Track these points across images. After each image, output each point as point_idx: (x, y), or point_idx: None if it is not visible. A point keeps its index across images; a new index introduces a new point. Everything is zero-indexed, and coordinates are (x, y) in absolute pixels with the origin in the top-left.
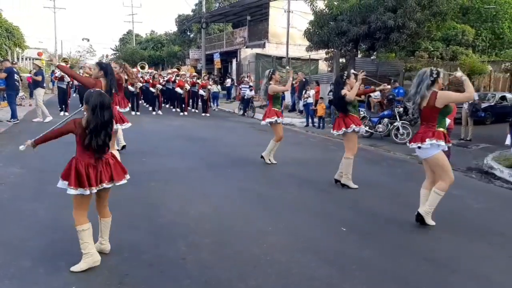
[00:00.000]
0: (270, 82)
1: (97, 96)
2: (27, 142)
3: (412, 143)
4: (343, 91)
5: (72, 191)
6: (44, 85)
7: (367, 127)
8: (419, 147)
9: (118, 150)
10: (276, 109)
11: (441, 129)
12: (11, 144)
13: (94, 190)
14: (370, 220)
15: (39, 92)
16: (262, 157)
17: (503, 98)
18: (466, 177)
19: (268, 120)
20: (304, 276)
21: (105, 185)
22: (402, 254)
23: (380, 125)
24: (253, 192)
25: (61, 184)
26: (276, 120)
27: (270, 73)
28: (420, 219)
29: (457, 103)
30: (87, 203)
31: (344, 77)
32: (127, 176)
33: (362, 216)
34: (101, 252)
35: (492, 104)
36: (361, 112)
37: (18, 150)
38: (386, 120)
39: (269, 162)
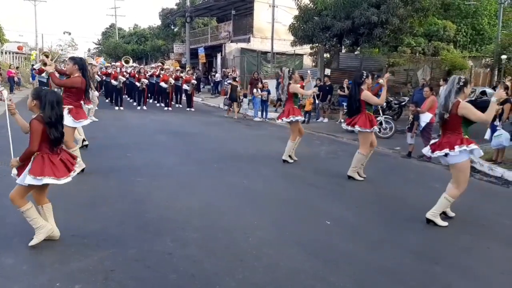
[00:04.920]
0: (290, 82)
1: (52, 93)
2: (13, 163)
3: (437, 151)
4: (373, 100)
5: (48, 180)
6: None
7: None
8: (446, 155)
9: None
10: (296, 107)
11: (466, 137)
12: None
13: (64, 180)
14: (356, 213)
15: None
16: (284, 161)
17: (483, 93)
18: (447, 171)
19: (291, 118)
20: (291, 269)
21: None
22: (387, 247)
23: None
24: (240, 187)
25: (31, 180)
26: (297, 119)
27: (291, 72)
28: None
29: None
30: (29, 191)
31: (364, 77)
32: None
33: (348, 210)
34: (52, 240)
35: (473, 99)
36: (345, 107)
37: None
38: None
39: (292, 161)
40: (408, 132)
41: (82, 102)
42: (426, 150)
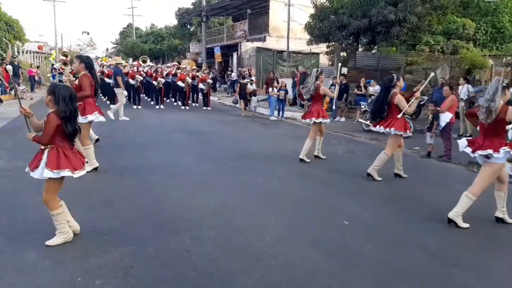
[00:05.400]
0: (317, 82)
1: (66, 88)
2: (30, 135)
3: (479, 151)
4: (404, 105)
5: (66, 173)
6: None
7: (368, 121)
8: (487, 156)
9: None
10: (324, 108)
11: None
12: (12, 138)
13: (81, 173)
14: (373, 213)
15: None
16: (301, 160)
17: None
18: (468, 171)
19: (321, 120)
20: (307, 268)
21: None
22: (404, 248)
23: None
24: (256, 186)
25: (49, 173)
26: (326, 122)
27: (318, 72)
28: (452, 222)
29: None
30: (60, 187)
31: (394, 81)
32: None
33: (365, 209)
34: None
35: None
36: (362, 106)
37: (20, 144)
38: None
39: (308, 160)
40: (428, 132)
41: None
42: (463, 146)
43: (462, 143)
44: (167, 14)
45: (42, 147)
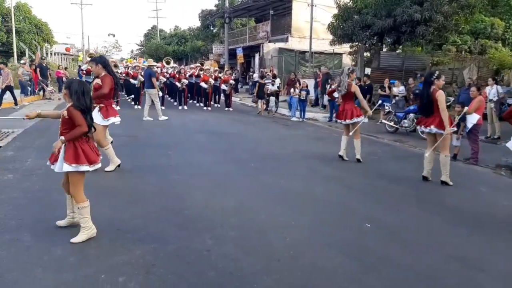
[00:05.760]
0: (348, 80)
1: (79, 83)
2: (57, 144)
3: None
4: (443, 105)
5: (85, 168)
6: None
7: (392, 123)
8: None
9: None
10: (358, 107)
11: None
12: (40, 138)
13: (96, 166)
14: (396, 216)
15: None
16: (358, 160)
17: None
18: (496, 174)
19: (355, 119)
20: (327, 270)
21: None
22: (427, 252)
23: (405, 121)
24: (277, 187)
25: (68, 167)
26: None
27: (349, 71)
28: None
29: None
30: (83, 179)
31: (434, 77)
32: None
33: (388, 212)
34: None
35: None
36: (386, 107)
37: (47, 143)
38: (412, 115)
39: (347, 158)
40: (454, 134)
41: (113, 100)
42: None
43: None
44: (190, 16)
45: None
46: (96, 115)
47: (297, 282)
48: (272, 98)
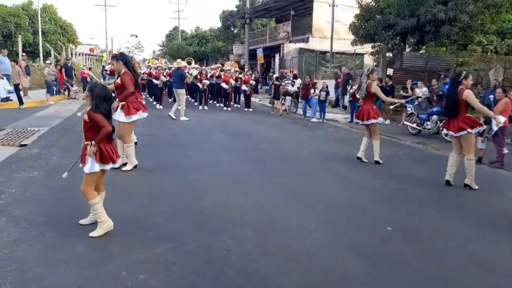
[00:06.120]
0: (368, 81)
1: (102, 88)
2: (91, 150)
3: None
4: (475, 102)
5: (107, 167)
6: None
7: (415, 124)
8: None
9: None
10: (376, 108)
11: None
12: (65, 137)
13: (111, 166)
14: (417, 220)
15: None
16: (377, 162)
17: None
18: None
19: (378, 120)
20: (346, 274)
21: (111, 165)
22: (449, 256)
23: (428, 122)
24: (296, 188)
25: (99, 167)
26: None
27: (369, 71)
28: None
29: None
30: (97, 179)
31: (462, 77)
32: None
33: (408, 216)
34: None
35: None
36: (409, 109)
37: (72, 142)
38: (435, 117)
39: (366, 160)
40: (479, 137)
41: (138, 97)
42: None
43: None
44: (211, 17)
45: (86, 142)
46: (120, 113)
47: (315, 284)
48: (288, 98)
